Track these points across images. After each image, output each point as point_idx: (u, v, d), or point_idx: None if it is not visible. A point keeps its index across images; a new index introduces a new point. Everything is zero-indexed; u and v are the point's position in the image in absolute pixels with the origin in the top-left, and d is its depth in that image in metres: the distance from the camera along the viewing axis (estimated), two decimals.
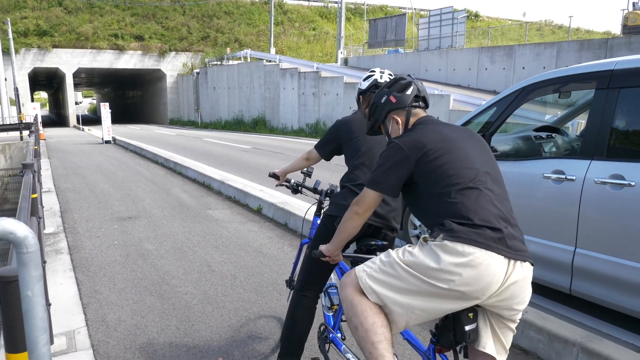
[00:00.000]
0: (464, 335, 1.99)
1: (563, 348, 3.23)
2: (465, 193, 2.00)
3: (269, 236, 6.65)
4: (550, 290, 4.15)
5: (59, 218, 7.73)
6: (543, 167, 3.98)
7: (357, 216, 2.28)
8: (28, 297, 1.43)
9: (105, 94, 75.30)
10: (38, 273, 1.43)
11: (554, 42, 22.46)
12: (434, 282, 1.92)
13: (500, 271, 1.89)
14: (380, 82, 3.06)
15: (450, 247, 1.91)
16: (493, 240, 1.91)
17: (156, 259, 5.74)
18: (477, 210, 1.96)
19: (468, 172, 2.06)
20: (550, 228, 3.93)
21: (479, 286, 1.88)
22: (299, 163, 3.43)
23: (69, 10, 44.34)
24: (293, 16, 50.41)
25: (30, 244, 1.40)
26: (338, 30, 35.81)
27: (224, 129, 35.38)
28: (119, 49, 43.27)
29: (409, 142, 2.14)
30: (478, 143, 2.23)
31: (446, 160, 2.08)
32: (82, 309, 4.33)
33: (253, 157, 15.77)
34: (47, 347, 1.48)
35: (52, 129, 39.64)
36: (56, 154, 18.11)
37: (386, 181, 2.16)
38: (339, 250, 2.49)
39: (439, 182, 2.06)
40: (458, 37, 27.71)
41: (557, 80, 4.12)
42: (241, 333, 3.91)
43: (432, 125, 2.24)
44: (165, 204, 8.83)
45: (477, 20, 52.67)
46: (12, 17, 38.65)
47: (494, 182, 2.09)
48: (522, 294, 1.97)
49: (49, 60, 41.36)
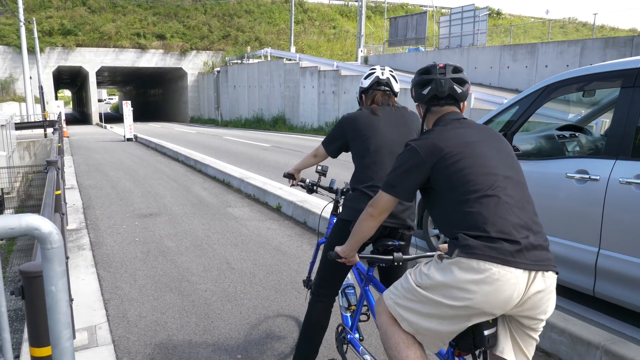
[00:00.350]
0: (483, 339, 1.96)
1: (586, 351, 3.18)
2: (483, 202, 1.94)
3: (288, 234, 6.66)
4: (573, 291, 4.09)
5: (82, 214, 7.83)
6: (566, 167, 3.93)
7: (372, 218, 2.25)
8: (52, 293, 1.44)
9: (127, 92, 76.11)
10: (62, 269, 1.44)
11: (577, 39, 22.11)
12: (453, 303, 1.89)
13: (519, 285, 1.84)
14: (381, 79, 3.00)
15: (465, 263, 1.86)
16: (510, 253, 1.84)
17: (176, 255, 5.79)
18: (494, 221, 1.89)
19: (487, 178, 1.99)
20: (573, 228, 3.87)
21: (498, 302, 1.84)
22: (308, 160, 3.37)
23: (93, 10, 44.87)
24: (313, 15, 50.42)
25: (55, 240, 1.41)
26: (358, 29, 35.72)
27: (244, 127, 35.53)
28: (141, 47, 43.72)
29: (425, 146, 2.09)
30: (500, 145, 2.16)
31: (464, 165, 2.02)
32: (104, 305, 4.39)
33: (272, 155, 15.82)
34: (70, 341, 1.49)
35: (75, 126, 40.21)
36: (79, 151, 18.36)
37: (401, 185, 2.13)
38: (355, 252, 2.46)
39: (456, 189, 2.00)
40: (480, 35, 27.44)
41: (581, 79, 4.05)
42: (260, 331, 3.92)
43: (453, 126, 2.17)
44: (185, 202, 8.89)
45: (499, 18, 52.15)
46: (38, 17, 39.24)
47: (515, 187, 2.02)
48: (544, 304, 1.92)
49: (73, 59, 41.95)
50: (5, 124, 15.40)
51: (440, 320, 1.96)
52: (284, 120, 32.66)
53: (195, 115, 46.71)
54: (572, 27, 45.04)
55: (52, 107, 33.94)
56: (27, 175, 17.46)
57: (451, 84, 2.22)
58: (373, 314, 2.64)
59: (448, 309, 1.91)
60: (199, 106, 46.77)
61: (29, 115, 31.11)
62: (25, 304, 1.83)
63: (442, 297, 1.92)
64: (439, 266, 1.97)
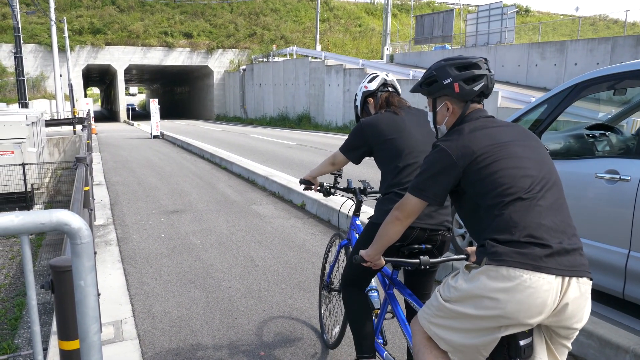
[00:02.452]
0: (519, 350, 1.87)
1: (615, 354, 3.12)
2: (516, 205, 1.85)
3: (312, 232, 6.67)
4: (602, 294, 4.01)
5: (109, 210, 7.95)
6: (596, 167, 3.85)
7: (398, 222, 2.14)
8: (81, 287, 1.47)
9: (155, 90, 77.06)
10: (91, 264, 1.47)
11: (608, 37, 21.67)
12: (484, 313, 1.81)
13: (552, 291, 1.76)
14: (388, 80, 2.97)
15: (494, 271, 1.79)
16: (541, 258, 1.76)
17: (201, 252, 5.84)
18: (525, 225, 1.81)
19: (521, 181, 1.89)
20: (602, 230, 3.80)
21: (532, 310, 1.76)
22: (325, 167, 3.23)
23: (122, 9, 45.54)
24: (339, 13, 50.37)
25: (84, 235, 1.44)
26: (384, 27, 35.58)
27: (269, 125, 35.67)
28: (168, 46, 44.22)
29: (457, 148, 1.98)
30: (533, 143, 2.06)
31: (497, 167, 1.92)
32: (130, 300, 4.45)
33: (297, 153, 15.84)
34: (97, 335, 1.52)
35: (103, 123, 40.84)
36: (107, 148, 18.64)
37: (430, 189, 2.02)
38: (380, 255, 2.34)
39: (488, 193, 1.91)
40: (507, 32, 27.10)
41: (612, 77, 3.97)
42: (283, 329, 3.93)
43: (483, 125, 2.06)
44: (210, 199, 8.96)
45: (527, 15, 51.44)
46: (68, 16, 40.01)
47: (550, 189, 1.92)
48: (580, 312, 1.84)
49: (102, 57, 42.66)
50: (36, 120, 15.71)
51: (474, 333, 1.88)
52: (309, 118, 32.70)
53: (221, 113, 47.06)
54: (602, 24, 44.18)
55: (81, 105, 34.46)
56: (56, 172, 17.79)
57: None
58: (398, 319, 2.59)
59: (480, 320, 1.84)
60: (224, 104, 47.11)
61: (59, 113, 31.64)
62: (55, 297, 1.86)
63: (472, 309, 1.85)
64: (467, 277, 1.89)
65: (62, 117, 29.42)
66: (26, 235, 1.42)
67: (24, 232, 1.39)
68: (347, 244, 3.33)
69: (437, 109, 2.21)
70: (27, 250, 1.46)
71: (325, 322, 3.73)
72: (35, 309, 1.52)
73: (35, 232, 1.42)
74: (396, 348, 3.56)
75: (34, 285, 1.48)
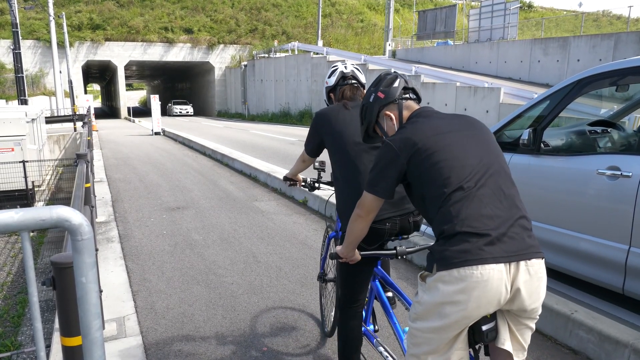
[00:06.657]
0: (482, 335, 1.93)
1: (614, 349, 3.13)
2: (456, 195, 1.89)
3: (314, 228, 6.67)
4: (602, 289, 4.02)
5: (111, 207, 7.96)
6: (597, 163, 3.85)
7: (361, 219, 2.21)
8: (82, 284, 1.47)
9: (155, 86, 76.92)
10: (92, 260, 1.47)
11: (611, 33, 21.58)
12: (450, 320, 1.86)
13: (503, 279, 1.81)
14: (346, 72, 2.94)
15: (447, 276, 1.84)
16: (483, 249, 1.81)
17: (203, 248, 5.84)
18: (465, 216, 1.85)
19: (461, 170, 1.93)
20: (603, 225, 3.79)
21: (490, 301, 1.82)
22: (299, 166, 3.32)
23: (121, 4, 45.39)
24: (341, 8, 50.21)
25: (85, 232, 1.44)
26: (386, 22, 35.46)
27: (271, 121, 35.63)
28: (169, 42, 44.11)
29: (399, 140, 2.04)
30: (478, 133, 2.09)
31: (438, 158, 1.96)
32: (132, 296, 4.46)
33: (299, 149, 15.82)
34: (99, 332, 1.52)
35: (104, 120, 40.82)
36: (108, 145, 18.64)
37: (380, 184, 2.08)
38: (353, 252, 2.40)
39: (431, 184, 1.95)
40: (510, 28, 26.99)
41: (615, 73, 3.95)
42: (286, 324, 3.94)
43: (426, 118, 2.13)
44: (212, 195, 8.97)
45: (531, 11, 51.29)
46: (67, 11, 39.89)
47: (491, 176, 1.95)
48: (534, 293, 1.88)
49: (102, 53, 42.53)
50: (36, 117, 15.69)
51: (449, 344, 1.93)
52: (311, 114, 32.62)
53: (222, 109, 47.01)
54: (605, 20, 44.06)
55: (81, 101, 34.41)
56: (57, 169, 17.79)
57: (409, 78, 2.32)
58: (383, 307, 2.74)
59: (447, 330, 1.89)
60: (225, 100, 47.06)
61: (59, 109, 31.62)
62: (56, 294, 1.86)
63: (437, 319, 1.89)
64: (425, 287, 1.94)
65: (62, 114, 29.43)
66: (26, 231, 1.42)
67: (24, 228, 1.39)
68: (336, 236, 3.39)
69: (384, 127, 2.31)
70: (28, 246, 1.46)
71: (324, 311, 3.81)
72: (37, 306, 1.52)
73: (35, 229, 1.42)
74: (387, 341, 3.56)
75: (35, 281, 1.48)
